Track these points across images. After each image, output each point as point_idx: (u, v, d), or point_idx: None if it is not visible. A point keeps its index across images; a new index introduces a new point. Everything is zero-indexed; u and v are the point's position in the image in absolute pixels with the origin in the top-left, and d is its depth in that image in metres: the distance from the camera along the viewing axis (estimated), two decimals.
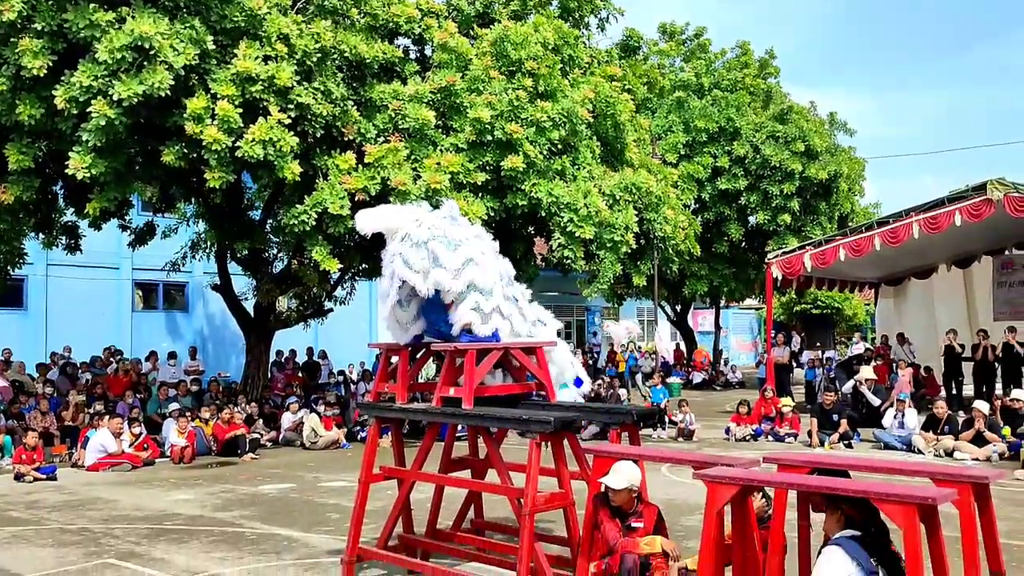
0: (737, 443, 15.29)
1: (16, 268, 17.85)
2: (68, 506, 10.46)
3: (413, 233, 6.56)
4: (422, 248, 6.52)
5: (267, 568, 7.54)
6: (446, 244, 6.53)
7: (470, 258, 6.55)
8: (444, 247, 6.51)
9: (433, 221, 6.65)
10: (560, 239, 15.24)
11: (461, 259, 6.51)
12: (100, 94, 12.30)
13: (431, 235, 6.54)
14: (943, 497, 4.39)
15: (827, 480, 4.92)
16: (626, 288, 28.74)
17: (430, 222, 6.63)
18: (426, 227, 6.58)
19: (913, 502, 4.33)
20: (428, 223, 6.62)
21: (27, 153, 13.24)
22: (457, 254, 6.52)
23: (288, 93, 13.49)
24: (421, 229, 6.57)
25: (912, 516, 4.33)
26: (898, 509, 4.37)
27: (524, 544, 5.85)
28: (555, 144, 15.80)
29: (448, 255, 6.50)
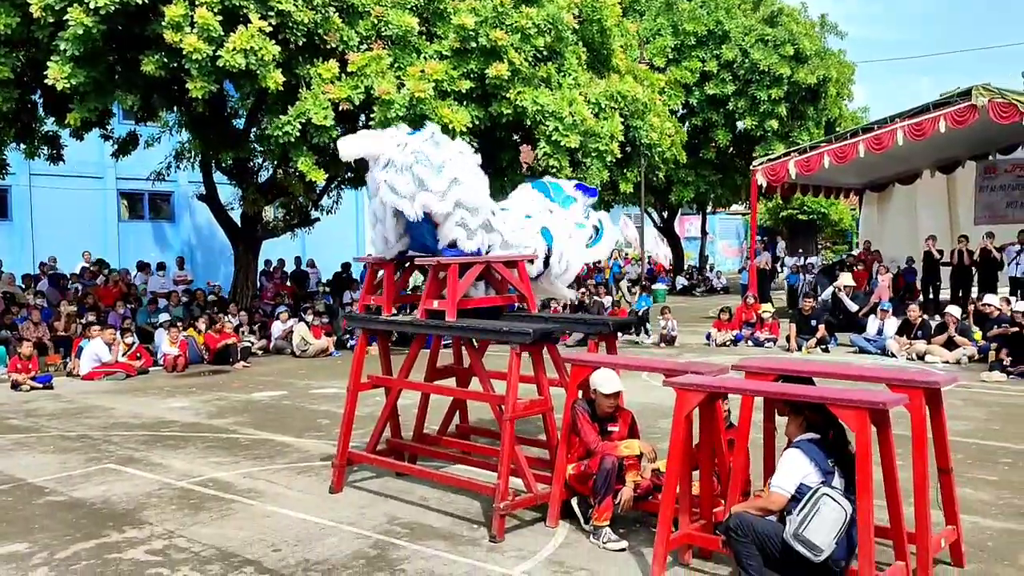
0: (718, 348, 15.69)
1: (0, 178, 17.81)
2: (66, 414, 10.78)
3: (396, 159, 6.63)
4: (407, 173, 6.60)
5: (262, 471, 7.88)
6: (430, 167, 6.61)
7: (455, 178, 6.64)
8: (429, 170, 6.59)
9: (416, 145, 6.70)
10: (545, 148, 15.27)
11: (447, 180, 6.60)
12: (76, 2, 12.12)
13: (415, 159, 6.60)
14: (893, 402, 4.67)
15: (788, 387, 5.20)
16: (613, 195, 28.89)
17: (413, 146, 6.68)
18: (409, 151, 6.64)
19: (864, 407, 4.61)
20: (411, 147, 6.67)
21: (5, 63, 13.14)
22: (442, 176, 6.60)
23: (268, 1, 13.29)
24: (404, 154, 6.63)
25: (864, 420, 4.62)
26: (851, 414, 4.66)
27: (505, 448, 6.16)
28: (540, 51, 15.66)
29: (433, 178, 6.58)
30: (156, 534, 6.19)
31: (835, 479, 4.83)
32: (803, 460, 4.85)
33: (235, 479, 7.64)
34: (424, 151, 6.66)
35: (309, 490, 7.27)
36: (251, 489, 7.32)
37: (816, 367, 5.88)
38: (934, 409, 5.37)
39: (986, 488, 7.15)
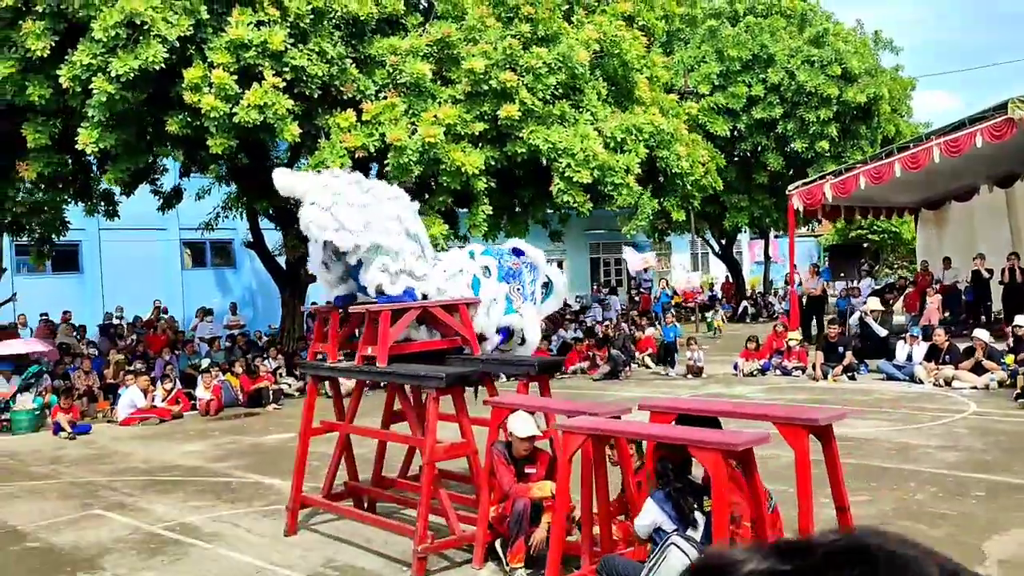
0: (744, 378, 15.43)
1: (60, 236, 18.94)
2: (85, 460, 11.38)
3: (319, 199, 6.93)
4: (327, 212, 6.90)
5: (233, 514, 8.20)
6: (349, 207, 6.89)
7: (369, 221, 6.89)
8: (347, 210, 6.88)
9: (337, 186, 7.01)
10: (559, 184, 15.41)
11: (363, 222, 6.87)
12: (100, 71, 12.92)
13: (335, 200, 6.90)
14: (746, 443, 4.64)
15: (654, 428, 5.20)
16: (666, 224, 28.75)
17: (334, 187, 6.99)
18: (331, 192, 6.94)
19: (717, 448, 4.60)
20: (332, 187, 6.98)
21: (43, 131, 14.01)
22: (360, 217, 6.88)
23: (282, 56, 13.87)
24: (325, 194, 6.93)
25: (718, 462, 4.61)
26: (706, 456, 4.65)
27: (423, 491, 6.30)
28: (555, 89, 15.88)
29: (352, 218, 6.86)
30: None
31: (697, 524, 4.80)
32: (655, 509, 4.87)
33: (204, 523, 7.97)
34: (345, 192, 6.94)
35: (267, 533, 7.54)
36: (214, 533, 7.63)
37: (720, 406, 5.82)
38: (826, 446, 5.29)
39: (941, 526, 6.90)
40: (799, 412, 5.34)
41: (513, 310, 7.91)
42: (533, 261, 8.11)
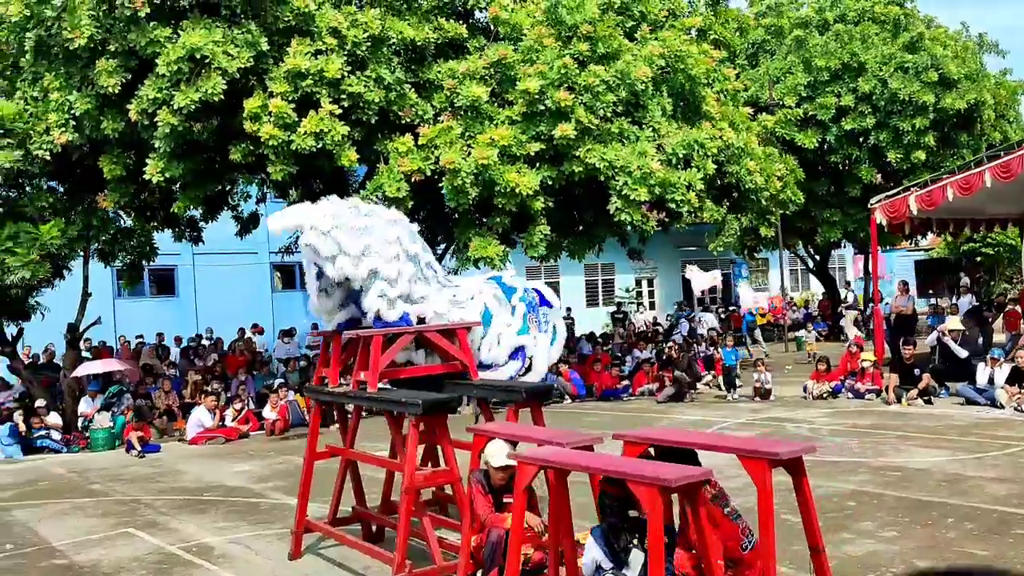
0: (813, 401, 14.76)
1: (150, 261, 19.81)
2: (142, 478, 11.81)
3: (319, 223, 7.00)
4: (327, 237, 6.95)
5: (251, 536, 8.33)
6: (348, 232, 6.93)
7: (368, 245, 6.90)
8: (346, 235, 6.92)
9: (335, 211, 7.06)
10: (617, 202, 15.16)
11: (361, 246, 6.90)
12: (164, 104, 13.51)
13: (334, 223, 6.95)
14: (681, 479, 4.37)
15: (599, 460, 4.96)
16: (755, 240, 27.94)
17: (331, 212, 7.04)
18: (330, 216, 7.00)
19: (654, 484, 4.36)
20: (331, 212, 7.03)
21: (118, 163, 14.72)
22: (359, 241, 6.91)
23: (339, 84, 14.17)
24: (325, 219, 6.99)
25: (655, 498, 4.36)
26: (643, 491, 4.41)
27: (401, 518, 6.23)
28: (616, 106, 15.68)
29: (350, 242, 6.90)
30: None
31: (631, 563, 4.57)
32: (593, 546, 4.67)
33: (220, 544, 8.13)
34: (343, 217, 6.98)
35: (275, 556, 7.62)
36: (224, 555, 7.77)
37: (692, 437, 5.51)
38: (796, 481, 4.97)
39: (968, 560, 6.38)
40: (762, 445, 5.02)
41: (526, 330, 7.80)
42: (551, 302, 8.02)
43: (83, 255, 16.56)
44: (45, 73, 14.49)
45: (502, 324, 7.65)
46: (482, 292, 7.71)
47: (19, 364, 16.77)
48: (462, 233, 15.62)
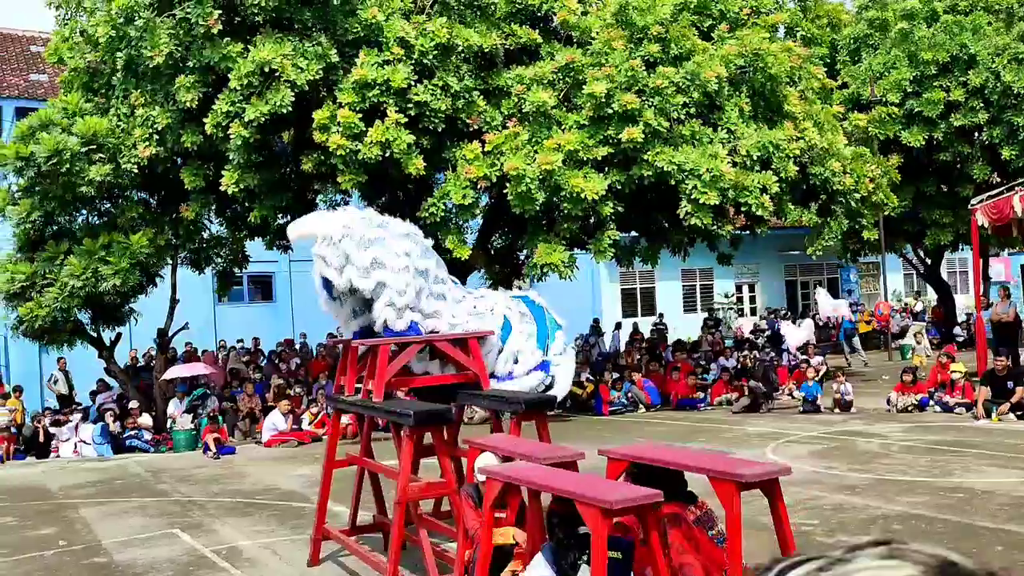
0: (896, 414, 13.95)
1: (242, 268, 20.53)
2: (206, 480, 12.21)
3: (331, 233, 7.05)
4: (337, 247, 7.00)
5: (280, 541, 8.47)
6: (357, 242, 6.96)
7: (376, 257, 6.91)
8: (355, 245, 6.95)
9: (347, 221, 7.10)
10: (687, 207, 14.76)
11: (370, 258, 6.91)
12: (236, 117, 13.97)
13: (344, 234, 6.99)
14: (623, 501, 4.15)
15: (555, 478, 4.77)
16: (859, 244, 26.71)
17: (343, 222, 7.09)
18: (340, 226, 7.04)
19: (595, 505, 4.16)
20: (342, 223, 7.07)
21: (198, 174, 15.31)
22: (367, 253, 6.93)
23: (406, 93, 14.34)
24: (335, 229, 7.04)
25: (598, 519, 4.17)
26: (587, 512, 4.23)
27: (394, 530, 6.18)
28: (689, 107, 15.29)
29: (358, 253, 6.92)
30: None
31: None
32: (542, 563, 4.48)
33: (250, 548, 8.30)
34: (354, 227, 7.01)
35: (296, 562, 7.71)
36: (250, 559, 7.92)
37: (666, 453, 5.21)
38: (771, 504, 4.66)
39: None
40: (732, 466, 4.72)
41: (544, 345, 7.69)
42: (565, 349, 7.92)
43: (172, 263, 17.26)
44: (132, 90, 15.23)
45: (523, 339, 7.56)
46: (508, 307, 7.63)
47: (115, 367, 17.64)
48: (530, 240, 15.53)
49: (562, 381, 7.68)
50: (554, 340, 7.70)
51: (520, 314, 7.69)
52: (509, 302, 7.78)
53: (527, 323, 7.66)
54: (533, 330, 7.64)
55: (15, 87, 22.74)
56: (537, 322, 7.73)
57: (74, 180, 15.28)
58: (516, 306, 7.74)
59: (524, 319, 7.68)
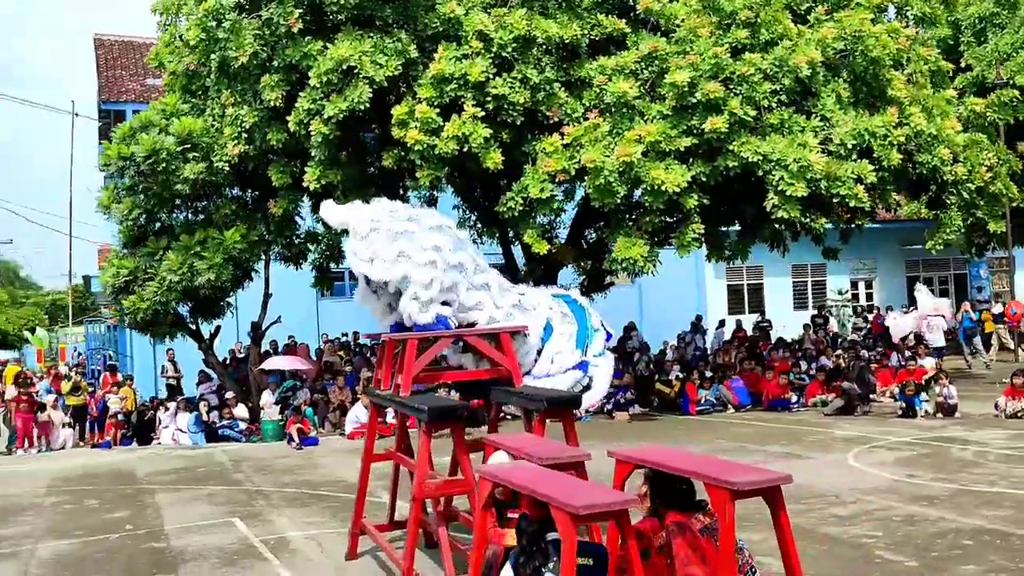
0: (1005, 420, 12.92)
1: (338, 263, 20.91)
2: (280, 470, 12.45)
3: (359, 227, 7.01)
4: (366, 240, 6.95)
5: (326, 533, 8.51)
6: (385, 235, 6.89)
7: (403, 250, 6.82)
8: (383, 238, 6.88)
9: (376, 214, 7.04)
10: (774, 199, 14.09)
11: (396, 251, 6.83)
12: (317, 115, 14.20)
13: (372, 227, 6.93)
14: (588, 506, 3.88)
15: (541, 481, 4.50)
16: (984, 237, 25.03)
17: (372, 215, 7.02)
18: (368, 219, 6.99)
19: (564, 510, 3.91)
20: (371, 216, 7.01)
21: (284, 172, 15.66)
22: (394, 246, 6.85)
23: (484, 87, 14.25)
24: (364, 222, 6.99)
25: (566, 523, 3.92)
26: (558, 515, 3.98)
27: (410, 530, 6.07)
28: (779, 95, 14.61)
29: (385, 247, 6.86)
30: None
31: None
32: (507, 571, 4.25)
33: (296, 539, 8.38)
34: (382, 220, 6.94)
35: (336, 555, 7.71)
36: (294, 550, 7.99)
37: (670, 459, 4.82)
38: (773, 514, 4.30)
39: None
40: (728, 472, 4.35)
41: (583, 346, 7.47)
42: None
43: (264, 258, 17.74)
44: (224, 91, 15.71)
45: (564, 340, 7.34)
46: (550, 307, 7.44)
47: (213, 359, 18.28)
48: (611, 233, 15.17)
49: (599, 383, 7.42)
50: (593, 341, 7.47)
51: (562, 315, 7.49)
52: (551, 302, 7.58)
53: (568, 324, 7.44)
54: (573, 331, 7.42)
55: (132, 91, 23.95)
56: (578, 322, 7.50)
57: (170, 178, 15.93)
58: (558, 306, 7.54)
59: (565, 319, 7.47)
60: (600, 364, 7.50)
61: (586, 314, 7.64)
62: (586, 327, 7.58)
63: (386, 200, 7.56)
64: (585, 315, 7.64)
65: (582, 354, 7.45)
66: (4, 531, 9.40)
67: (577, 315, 7.59)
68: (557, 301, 7.65)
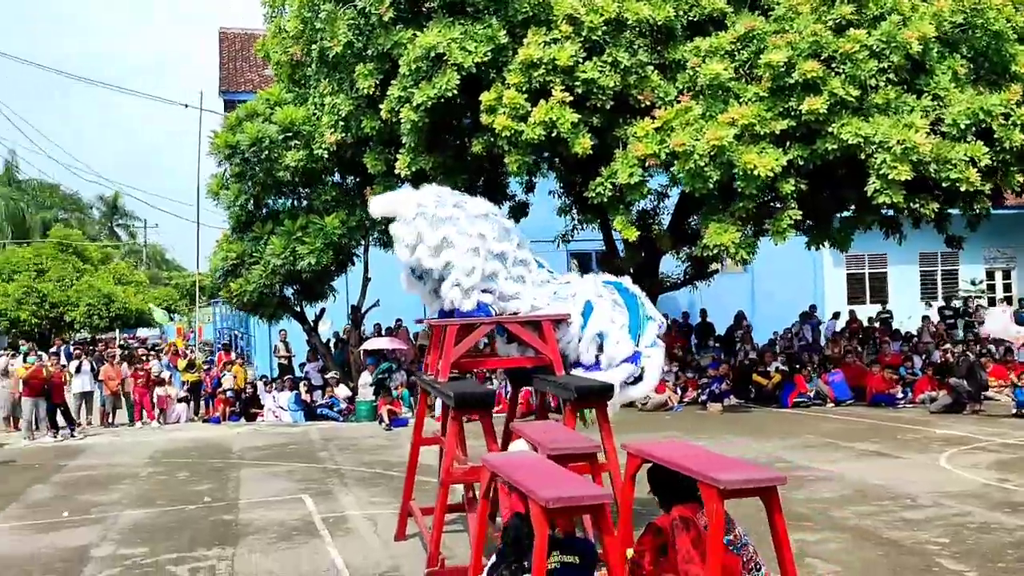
0: None
1: None
2: (365, 450, 12.75)
3: (405, 212, 7.06)
4: (410, 225, 7.00)
5: (386, 513, 8.65)
6: (429, 221, 6.92)
7: (446, 236, 6.83)
8: (427, 224, 6.91)
9: (421, 199, 7.07)
10: (876, 183, 13.35)
11: (440, 237, 6.85)
12: (407, 102, 14.38)
13: (417, 212, 6.97)
14: (555, 500, 3.77)
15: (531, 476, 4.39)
16: None
17: (418, 200, 7.06)
18: (414, 205, 7.03)
19: (535, 502, 3.83)
20: (415, 201, 7.05)
21: (379, 159, 15.96)
22: (437, 232, 6.87)
23: (573, 71, 14.09)
24: (410, 208, 7.03)
25: (538, 515, 3.84)
26: (532, 507, 3.91)
27: (437, 512, 6.09)
28: (888, 72, 13.82)
29: (429, 233, 6.89)
30: (222, 556, 7.42)
31: None
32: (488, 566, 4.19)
33: (355, 517, 8.58)
34: (427, 206, 6.97)
35: (387, 535, 7.84)
36: (349, 528, 8.18)
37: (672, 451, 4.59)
38: (769, 513, 4.08)
39: None
40: (723, 470, 4.12)
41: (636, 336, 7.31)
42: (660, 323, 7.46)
43: (364, 243, 18.17)
44: (323, 80, 16.14)
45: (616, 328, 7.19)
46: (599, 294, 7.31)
47: (317, 340, 18.91)
48: (704, 219, 14.75)
49: (651, 375, 7.25)
50: (645, 331, 7.29)
51: (613, 302, 7.34)
52: (600, 289, 7.44)
53: (619, 312, 7.28)
54: (626, 320, 7.25)
55: (250, 82, 24.92)
56: (629, 311, 7.33)
57: (273, 166, 16.52)
58: (608, 293, 7.39)
59: (616, 308, 7.31)
60: (652, 355, 7.33)
61: (638, 302, 7.48)
62: (638, 316, 7.41)
63: (434, 187, 7.59)
64: (637, 303, 7.47)
65: (635, 344, 7.29)
66: (100, 498, 10.01)
67: (629, 303, 7.43)
68: (608, 288, 7.50)
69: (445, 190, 7.57)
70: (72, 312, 31.94)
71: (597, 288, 7.43)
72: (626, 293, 7.53)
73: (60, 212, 53.90)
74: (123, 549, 7.74)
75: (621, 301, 7.44)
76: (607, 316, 7.18)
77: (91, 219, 60.03)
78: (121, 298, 33.23)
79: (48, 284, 31.86)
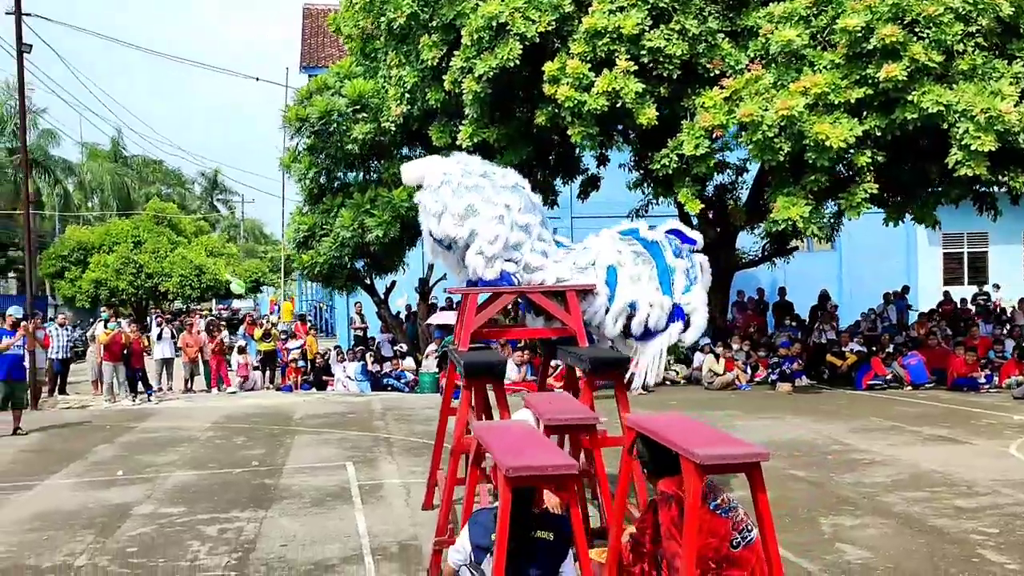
0: None
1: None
2: (421, 420, 12.73)
3: (431, 180, 6.96)
4: (436, 193, 6.90)
5: (419, 483, 8.60)
6: (455, 189, 6.80)
7: (471, 204, 6.70)
8: (452, 193, 6.80)
9: (448, 168, 6.95)
10: (957, 154, 12.58)
11: (464, 205, 6.73)
12: (469, 72, 14.27)
13: (443, 180, 6.86)
14: (517, 468, 3.61)
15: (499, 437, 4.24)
16: None
17: (444, 168, 6.95)
18: (440, 173, 6.92)
19: (501, 471, 3.69)
20: (441, 170, 6.94)
21: (444, 131, 15.89)
22: (463, 200, 6.75)
23: (639, 40, 13.72)
24: (436, 175, 6.93)
25: (503, 485, 3.70)
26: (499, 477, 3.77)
27: (447, 485, 6.02)
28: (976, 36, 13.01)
29: (454, 201, 6.77)
30: (253, 518, 7.53)
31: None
32: (464, 534, 4.06)
33: (391, 485, 8.62)
34: (453, 175, 6.85)
35: (416, 504, 7.83)
36: (381, 496, 8.22)
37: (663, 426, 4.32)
38: (752, 490, 3.84)
39: None
40: (703, 444, 3.88)
41: (689, 288, 6.99)
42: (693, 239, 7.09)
43: None
44: (390, 52, 16.17)
45: (643, 287, 6.88)
46: (618, 251, 7.01)
47: (386, 312, 19.10)
48: (773, 193, 14.20)
49: (697, 320, 6.83)
50: (675, 278, 6.87)
51: (634, 254, 6.98)
52: (618, 243, 7.09)
53: (644, 264, 6.91)
54: (653, 271, 6.89)
55: (330, 57, 25.21)
56: (655, 259, 6.97)
57: (343, 139, 16.67)
58: (627, 246, 7.05)
59: (639, 259, 6.95)
60: (691, 301, 6.91)
61: (660, 248, 7.06)
62: (664, 262, 7.02)
63: (463, 155, 7.46)
64: (659, 250, 7.05)
65: (671, 298, 6.93)
66: (156, 459, 10.33)
67: (652, 251, 7.05)
68: (627, 240, 7.16)
69: (474, 159, 7.42)
70: (166, 283, 33.14)
71: (615, 243, 7.10)
72: (644, 241, 7.14)
73: (163, 188, 56.01)
74: (163, 508, 7.95)
75: (642, 249, 7.08)
76: (634, 276, 6.85)
77: (192, 194, 62.26)
78: (212, 270, 34.29)
79: (144, 255, 33.12)
